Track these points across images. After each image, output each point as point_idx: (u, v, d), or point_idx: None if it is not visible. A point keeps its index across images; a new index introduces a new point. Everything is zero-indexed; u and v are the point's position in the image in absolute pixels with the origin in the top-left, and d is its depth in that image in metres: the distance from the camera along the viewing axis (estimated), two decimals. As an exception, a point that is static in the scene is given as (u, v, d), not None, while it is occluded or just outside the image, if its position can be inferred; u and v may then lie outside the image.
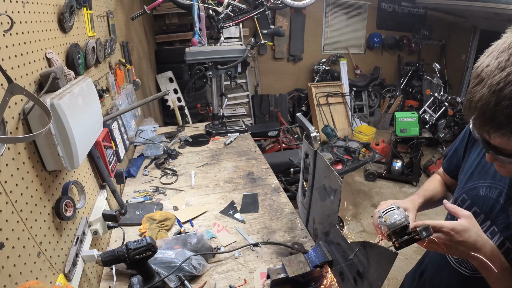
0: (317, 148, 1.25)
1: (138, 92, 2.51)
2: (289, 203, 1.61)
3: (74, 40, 1.25)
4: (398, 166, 3.94)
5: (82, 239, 1.08)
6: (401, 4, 5.77)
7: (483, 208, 0.81)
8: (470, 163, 0.89)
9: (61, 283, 0.89)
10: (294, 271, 1.07)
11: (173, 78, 3.93)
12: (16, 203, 0.76)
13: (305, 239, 1.35)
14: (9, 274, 0.70)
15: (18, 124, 0.82)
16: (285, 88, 5.43)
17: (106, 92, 1.65)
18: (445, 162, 1.05)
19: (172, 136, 2.37)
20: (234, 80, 2.52)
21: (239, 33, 4.48)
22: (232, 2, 2.87)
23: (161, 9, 3.91)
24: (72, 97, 0.94)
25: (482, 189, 0.82)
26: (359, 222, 3.27)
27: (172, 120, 3.44)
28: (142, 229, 1.38)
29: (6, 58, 0.77)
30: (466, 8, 4.32)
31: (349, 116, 5.19)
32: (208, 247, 1.26)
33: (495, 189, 0.79)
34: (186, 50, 2.24)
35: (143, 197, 1.64)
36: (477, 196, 0.83)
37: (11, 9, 0.81)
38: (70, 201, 0.98)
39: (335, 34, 5.66)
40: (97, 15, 1.65)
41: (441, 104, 4.37)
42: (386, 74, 6.04)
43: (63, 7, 1.13)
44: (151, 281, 1.05)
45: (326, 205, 1.16)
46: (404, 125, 3.74)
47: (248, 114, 4.86)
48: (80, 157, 0.96)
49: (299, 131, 4.31)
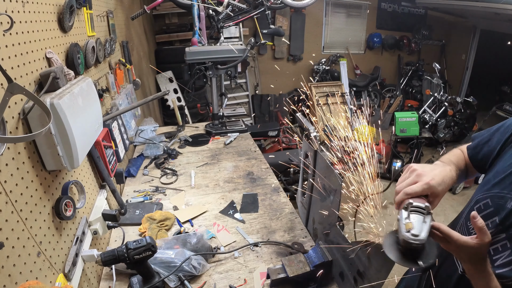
0: (317, 148, 1.26)
1: (138, 92, 2.51)
2: (289, 203, 1.61)
3: (74, 40, 1.25)
4: (398, 166, 3.94)
5: (82, 239, 1.08)
6: (401, 4, 5.77)
7: (504, 221, 0.74)
8: (505, 166, 0.79)
9: (61, 283, 0.89)
10: (294, 271, 1.07)
11: (173, 78, 3.93)
12: (16, 202, 0.76)
13: (305, 239, 1.35)
14: (9, 274, 0.69)
15: (18, 124, 0.82)
16: (285, 88, 5.43)
17: (106, 92, 1.65)
18: (473, 148, 0.92)
19: (172, 136, 2.37)
20: (234, 80, 2.52)
21: (239, 33, 4.48)
22: (232, 2, 2.87)
23: (161, 9, 3.91)
24: (72, 97, 0.94)
25: (510, 202, 0.74)
26: (359, 222, 3.26)
27: (172, 120, 3.43)
28: (142, 229, 1.38)
29: (6, 58, 0.77)
30: (466, 8, 4.32)
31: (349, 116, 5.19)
32: (208, 247, 1.26)
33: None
34: (186, 50, 2.23)
35: (143, 197, 1.64)
36: (503, 207, 0.75)
37: (11, 8, 0.81)
38: (70, 201, 0.98)
39: (335, 34, 5.66)
40: (97, 15, 1.65)
41: (441, 104, 4.37)
42: (386, 74, 6.04)
43: (63, 7, 1.13)
44: (151, 281, 1.05)
45: (326, 205, 1.16)
46: (404, 125, 3.74)
47: (248, 114, 4.86)
48: (80, 156, 0.96)
49: (299, 131, 4.32)
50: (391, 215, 0.96)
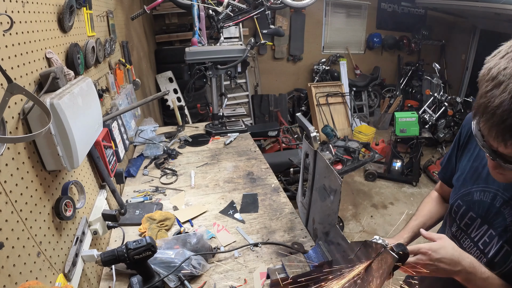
0: (317, 148, 1.26)
1: (138, 92, 2.51)
2: (289, 203, 1.61)
3: (74, 40, 1.25)
4: (398, 166, 3.95)
5: (82, 239, 1.08)
6: (401, 4, 5.77)
7: (478, 212, 0.81)
8: (462, 168, 0.89)
9: (60, 283, 0.89)
10: (294, 271, 1.07)
11: (173, 78, 3.93)
12: (15, 203, 0.76)
13: (305, 239, 1.35)
14: (8, 274, 0.69)
15: (18, 124, 0.82)
16: (285, 88, 5.43)
17: (106, 92, 1.65)
18: (441, 172, 1.04)
19: (172, 136, 2.37)
20: (234, 80, 2.52)
21: (239, 33, 4.48)
22: (232, 2, 2.87)
23: (161, 9, 3.91)
24: (72, 97, 0.94)
25: (476, 194, 0.82)
26: (358, 222, 3.27)
27: (172, 120, 3.44)
28: (141, 229, 1.38)
29: (6, 58, 0.77)
30: (466, 8, 4.32)
31: (349, 116, 5.19)
32: (208, 247, 1.26)
33: (488, 193, 0.79)
34: (186, 50, 2.24)
35: (143, 197, 1.64)
36: (472, 201, 0.83)
37: (11, 9, 0.81)
38: (70, 201, 0.98)
39: (335, 34, 5.66)
40: (97, 15, 1.65)
41: (441, 104, 4.37)
42: (386, 74, 6.04)
43: (63, 7, 1.13)
44: (151, 281, 1.05)
45: (326, 205, 1.16)
46: (404, 125, 3.74)
47: (248, 114, 4.86)
48: (80, 157, 0.96)
49: (299, 131, 4.32)
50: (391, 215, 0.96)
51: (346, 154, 2.86)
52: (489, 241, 0.78)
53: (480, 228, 0.80)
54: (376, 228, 3.17)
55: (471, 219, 0.82)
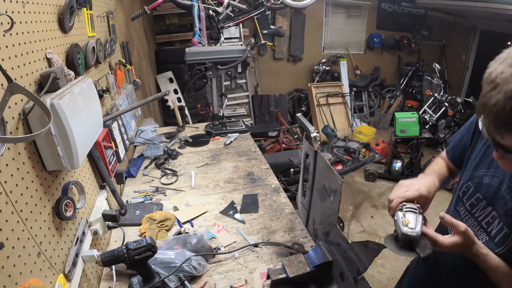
0: (317, 148, 1.26)
1: (138, 92, 2.51)
2: (289, 204, 1.61)
3: (74, 40, 1.25)
4: (398, 167, 3.94)
5: (82, 239, 1.08)
6: (401, 4, 5.77)
7: (485, 194, 0.87)
8: (476, 153, 0.94)
9: (61, 283, 0.89)
10: (294, 271, 1.07)
11: (173, 78, 3.93)
12: (16, 203, 0.76)
13: (305, 240, 1.35)
14: (9, 274, 0.69)
15: (18, 124, 0.82)
16: (285, 88, 5.43)
17: (106, 92, 1.65)
18: (450, 150, 1.08)
19: (172, 136, 2.37)
20: (234, 80, 2.52)
21: (239, 33, 4.48)
22: (232, 3, 2.87)
23: (161, 9, 3.91)
24: (72, 97, 0.94)
25: (486, 178, 0.88)
26: (359, 222, 3.27)
27: (172, 120, 3.43)
28: (142, 229, 1.38)
29: (6, 58, 0.77)
30: (466, 8, 4.32)
31: (349, 116, 5.19)
32: (208, 248, 1.25)
33: (497, 178, 0.85)
34: (186, 50, 2.24)
35: (143, 197, 1.64)
36: (481, 184, 0.89)
37: (11, 9, 0.81)
38: (70, 201, 0.98)
39: (335, 34, 5.66)
40: (97, 15, 1.65)
41: (441, 104, 4.37)
42: (386, 75, 6.04)
43: (63, 7, 1.13)
44: (151, 281, 1.05)
45: (326, 206, 1.16)
46: (404, 125, 3.74)
47: (248, 115, 4.86)
48: (80, 157, 0.96)
49: (299, 131, 4.32)
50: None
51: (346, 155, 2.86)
52: (491, 221, 0.85)
53: (484, 209, 0.87)
54: (376, 228, 3.16)
55: (477, 200, 0.89)
